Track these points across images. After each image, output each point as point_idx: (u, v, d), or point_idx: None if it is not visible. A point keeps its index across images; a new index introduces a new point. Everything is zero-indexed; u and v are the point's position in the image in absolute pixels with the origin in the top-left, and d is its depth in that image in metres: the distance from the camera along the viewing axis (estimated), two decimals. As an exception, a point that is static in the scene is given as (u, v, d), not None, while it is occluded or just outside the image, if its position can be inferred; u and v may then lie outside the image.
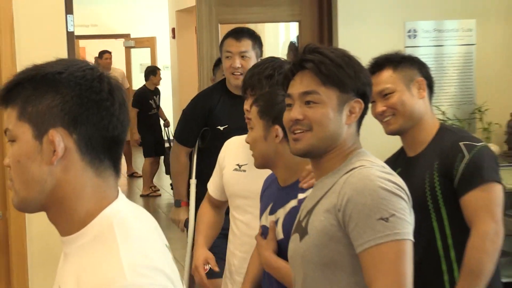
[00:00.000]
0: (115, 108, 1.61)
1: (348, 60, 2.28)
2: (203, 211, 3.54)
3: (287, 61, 3.37)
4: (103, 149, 1.61)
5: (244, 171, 3.28)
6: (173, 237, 9.03)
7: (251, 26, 5.97)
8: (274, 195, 2.88)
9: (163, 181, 12.04)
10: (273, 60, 3.33)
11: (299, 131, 2.26)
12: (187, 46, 13.37)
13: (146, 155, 11.36)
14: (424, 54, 6.26)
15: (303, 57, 2.29)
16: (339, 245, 2.17)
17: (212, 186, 3.46)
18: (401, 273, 2.09)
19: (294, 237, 2.33)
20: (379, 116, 3.02)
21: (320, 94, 2.24)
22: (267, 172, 3.01)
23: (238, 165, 3.32)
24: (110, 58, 13.01)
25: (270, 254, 2.75)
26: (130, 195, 11.74)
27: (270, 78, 3.16)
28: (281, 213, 2.78)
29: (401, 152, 3.14)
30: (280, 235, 2.76)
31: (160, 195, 11.47)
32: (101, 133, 1.59)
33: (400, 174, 2.90)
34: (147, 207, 10.83)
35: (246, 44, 4.21)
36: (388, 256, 2.08)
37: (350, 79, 2.25)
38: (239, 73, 4.16)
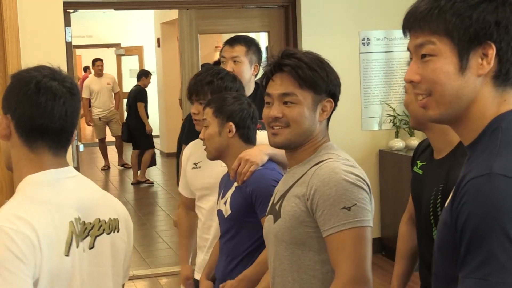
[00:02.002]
0: (40, 102, 1.87)
1: (321, 64, 2.26)
2: (180, 221, 3.63)
3: (222, 68, 3.55)
4: (33, 133, 1.90)
5: (200, 167, 3.36)
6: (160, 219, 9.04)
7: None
8: (224, 182, 3.03)
9: (151, 171, 12.00)
10: (211, 68, 3.45)
11: (277, 127, 2.27)
12: (170, 54, 13.35)
13: (146, 147, 10.97)
14: (376, 59, 6.33)
15: (281, 61, 2.26)
16: (307, 228, 2.19)
17: (181, 187, 3.52)
18: (361, 255, 2.12)
19: (269, 218, 2.33)
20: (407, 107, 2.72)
21: (297, 95, 2.23)
22: (217, 165, 3.16)
23: (194, 163, 3.40)
24: (102, 65, 12.66)
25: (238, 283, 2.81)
26: (121, 184, 11.66)
27: (210, 84, 3.25)
28: (228, 194, 2.91)
29: (430, 145, 2.79)
30: (229, 211, 2.90)
31: (152, 183, 11.26)
32: (27, 122, 1.89)
33: (424, 169, 2.72)
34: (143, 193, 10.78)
35: (239, 50, 4.03)
36: (349, 241, 2.11)
37: (323, 82, 2.24)
38: None
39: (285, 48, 2.36)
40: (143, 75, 11.40)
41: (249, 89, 3.97)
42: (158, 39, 13.78)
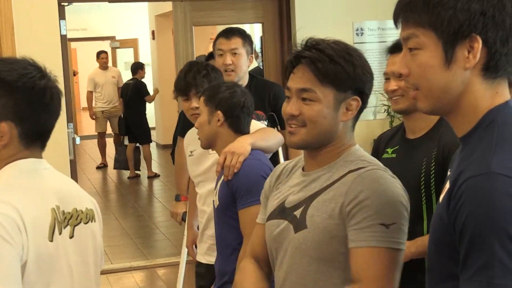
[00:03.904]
0: (53, 109, 1.91)
1: (348, 56, 1.97)
2: (190, 193, 3.75)
3: (205, 62, 3.59)
4: (37, 136, 1.91)
5: (193, 155, 3.44)
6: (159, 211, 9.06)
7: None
8: (219, 173, 3.00)
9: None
10: (196, 63, 3.51)
11: (294, 126, 2.01)
12: (165, 46, 13.33)
13: (146, 141, 10.90)
14: (370, 49, 6.32)
15: (301, 53, 2.00)
16: (339, 245, 1.94)
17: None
18: (391, 278, 1.89)
19: (281, 223, 2.06)
20: (389, 93, 2.79)
21: (316, 92, 1.96)
22: (206, 153, 3.27)
23: (190, 151, 3.48)
24: (107, 58, 12.28)
25: None
26: (118, 175, 11.59)
27: (207, 76, 3.31)
28: (218, 185, 2.91)
29: (399, 130, 2.91)
30: (217, 202, 2.89)
31: (159, 175, 11.12)
32: (39, 127, 1.90)
33: (398, 151, 2.84)
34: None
35: (236, 42, 3.98)
36: (381, 259, 1.88)
37: (348, 78, 1.96)
38: (230, 70, 3.93)
39: (310, 37, 2.05)
40: (139, 68, 11.23)
41: (244, 81, 3.97)
42: (153, 32, 13.75)
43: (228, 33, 4.05)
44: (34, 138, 1.90)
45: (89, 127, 16.52)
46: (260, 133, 3.04)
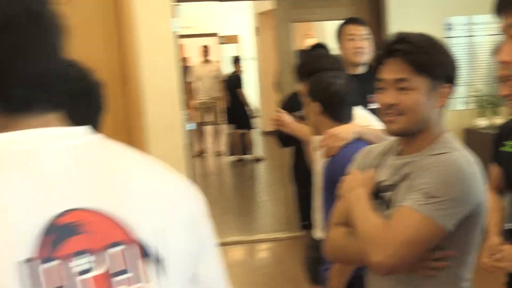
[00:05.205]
0: None
1: (436, 47, 2.09)
2: None
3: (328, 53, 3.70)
4: None
5: None
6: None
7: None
8: None
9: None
10: (319, 49, 3.68)
11: (392, 115, 2.08)
12: (265, 42, 13.69)
13: (249, 127, 11.73)
14: (459, 43, 6.50)
15: (393, 46, 2.08)
16: None
17: None
18: (408, 240, 1.94)
19: (375, 205, 2.11)
20: (505, 97, 2.70)
21: (412, 81, 2.04)
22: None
23: None
24: (205, 52, 13.06)
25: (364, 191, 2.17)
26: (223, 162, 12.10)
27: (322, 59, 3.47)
28: (322, 166, 2.96)
29: None
30: (320, 182, 2.96)
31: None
32: None
33: None
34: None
35: (366, 29, 4.20)
36: (408, 220, 1.96)
37: (440, 66, 2.07)
38: (363, 52, 4.13)
39: (398, 31, 2.16)
40: (235, 62, 12.14)
41: (364, 67, 4.14)
42: (257, 28, 14.12)
43: (357, 21, 4.29)
44: None
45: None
46: (374, 130, 2.96)
